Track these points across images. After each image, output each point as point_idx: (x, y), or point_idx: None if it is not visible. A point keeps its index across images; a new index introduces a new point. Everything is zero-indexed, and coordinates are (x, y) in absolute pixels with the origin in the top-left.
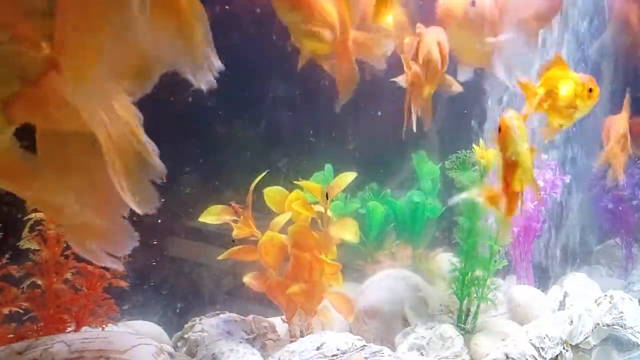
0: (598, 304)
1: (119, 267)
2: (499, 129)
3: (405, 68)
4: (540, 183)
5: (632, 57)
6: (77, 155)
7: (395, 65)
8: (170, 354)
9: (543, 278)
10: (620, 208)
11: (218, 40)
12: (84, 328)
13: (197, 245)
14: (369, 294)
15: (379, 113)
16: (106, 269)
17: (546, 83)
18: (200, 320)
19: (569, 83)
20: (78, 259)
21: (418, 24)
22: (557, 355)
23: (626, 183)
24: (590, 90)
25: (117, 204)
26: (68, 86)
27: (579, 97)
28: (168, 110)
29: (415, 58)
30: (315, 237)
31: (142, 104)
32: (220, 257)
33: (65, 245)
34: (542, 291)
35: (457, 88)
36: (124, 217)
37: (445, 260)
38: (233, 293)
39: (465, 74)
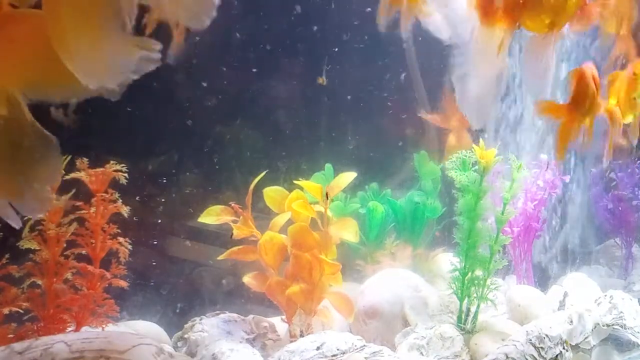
0: (598, 304)
1: (18, 224)
2: None
3: None
4: (540, 183)
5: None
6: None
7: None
8: (170, 354)
9: (543, 278)
10: (620, 208)
11: (217, 40)
12: (84, 328)
13: (197, 245)
14: (369, 294)
15: (379, 113)
16: (106, 269)
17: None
18: (201, 320)
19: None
20: (78, 259)
21: None
22: (557, 355)
23: (626, 183)
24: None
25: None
26: None
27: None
28: (168, 109)
29: None
30: (315, 237)
31: (142, 104)
32: (220, 257)
33: (65, 245)
34: (542, 291)
35: None
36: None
37: (445, 260)
38: (233, 293)
39: None
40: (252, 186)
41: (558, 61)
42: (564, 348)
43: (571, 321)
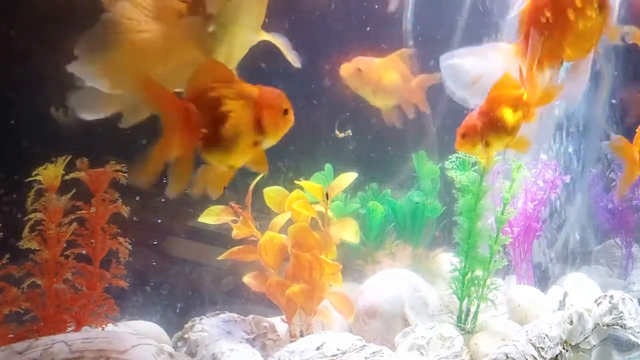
0: (598, 304)
1: None
2: None
3: None
4: (540, 183)
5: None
6: None
7: None
8: (170, 354)
9: (543, 278)
10: (620, 208)
11: None
12: (84, 328)
13: (197, 245)
14: (369, 294)
15: (379, 113)
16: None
17: None
18: (201, 320)
19: None
20: (78, 259)
21: None
22: (557, 355)
23: None
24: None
25: None
26: None
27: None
28: None
29: None
30: (316, 237)
31: None
32: (220, 257)
33: (65, 245)
34: (542, 291)
35: None
36: None
37: (445, 260)
38: (233, 293)
39: None
40: (252, 186)
41: None
42: (564, 348)
43: (571, 321)
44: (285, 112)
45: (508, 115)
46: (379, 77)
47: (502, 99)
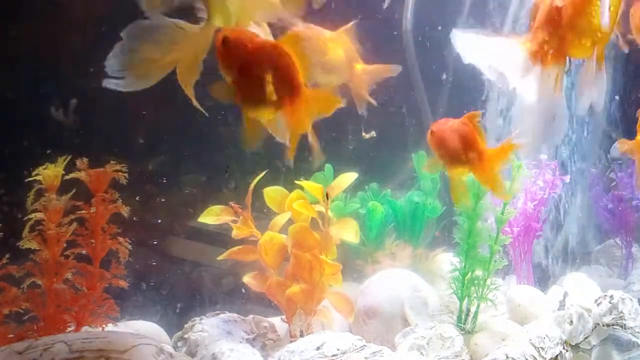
0: (598, 304)
1: None
2: None
3: None
4: (540, 183)
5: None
6: None
7: None
8: (170, 354)
9: (543, 278)
10: (620, 208)
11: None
12: (84, 328)
13: (197, 245)
14: (369, 294)
15: (379, 113)
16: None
17: None
18: (201, 320)
19: None
20: (78, 259)
21: None
22: (557, 355)
23: (626, 183)
24: None
25: None
26: None
27: None
28: (168, 110)
29: None
30: (316, 237)
31: (142, 103)
32: (220, 257)
33: (65, 245)
34: (542, 291)
35: None
36: None
37: (445, 260)
38: (233, 293)
39: None
40: (251, 186)
41: None
42: (564, 348)
43: (571, 321)
44: None
45: (460, 149)
46: (324, 49)
47: (467, 131)
